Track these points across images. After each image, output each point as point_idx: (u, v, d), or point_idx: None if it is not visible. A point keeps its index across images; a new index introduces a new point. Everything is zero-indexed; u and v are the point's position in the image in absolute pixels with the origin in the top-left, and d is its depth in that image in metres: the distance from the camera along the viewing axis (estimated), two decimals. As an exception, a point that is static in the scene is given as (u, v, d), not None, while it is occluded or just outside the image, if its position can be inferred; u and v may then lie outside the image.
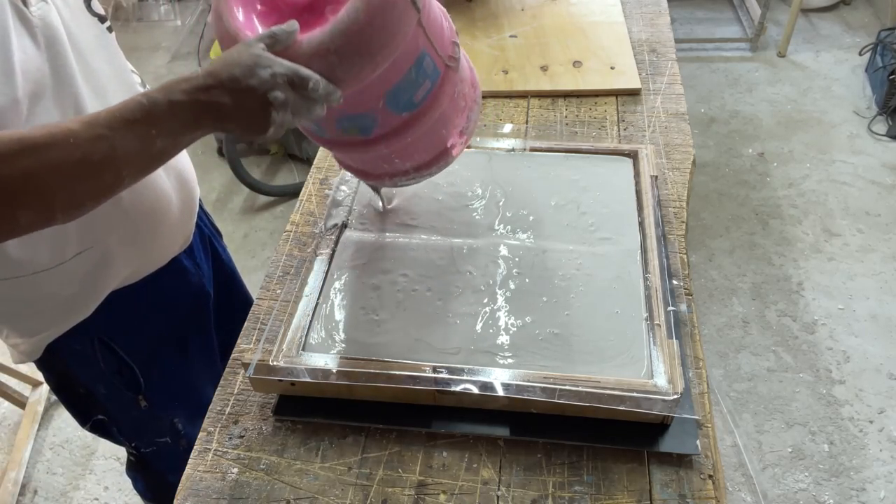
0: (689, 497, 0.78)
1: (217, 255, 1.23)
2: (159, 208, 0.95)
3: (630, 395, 0.80)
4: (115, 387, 1.05)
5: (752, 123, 2.81)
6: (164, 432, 1.15)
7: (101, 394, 1.07)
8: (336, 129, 0.85)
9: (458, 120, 0.91)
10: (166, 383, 1.10)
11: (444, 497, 0.80)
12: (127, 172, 0.65)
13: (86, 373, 1.03)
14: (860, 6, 3.43)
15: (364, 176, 0.99)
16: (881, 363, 1.96)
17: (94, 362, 1.01)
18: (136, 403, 1.08)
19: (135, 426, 1.14)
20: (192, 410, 1.13)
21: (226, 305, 1.24)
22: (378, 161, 0.90)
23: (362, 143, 0.85)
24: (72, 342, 0.97)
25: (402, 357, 0.87)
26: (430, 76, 0.81)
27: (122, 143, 0.62)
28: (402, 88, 0.79)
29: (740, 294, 2.17)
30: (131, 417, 1.11)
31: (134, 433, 1.16)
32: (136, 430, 1.15)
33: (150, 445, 1.17)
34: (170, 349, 1.10)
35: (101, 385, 1.05)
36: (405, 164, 0.91)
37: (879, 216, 2.38)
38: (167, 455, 1.19)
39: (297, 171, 2.74)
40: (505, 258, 0.99)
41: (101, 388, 1.06)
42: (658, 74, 1.42)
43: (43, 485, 1.84)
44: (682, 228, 1.08)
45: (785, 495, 1.70)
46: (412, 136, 0.84)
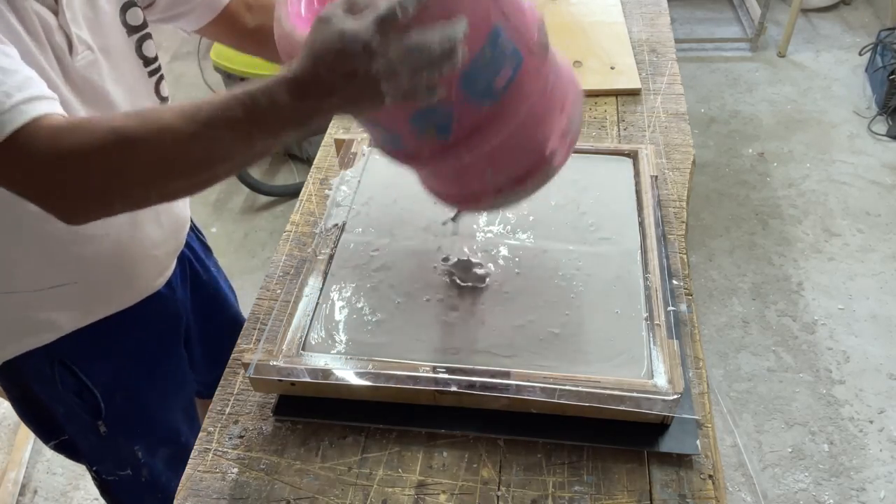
0: (689, 497, 0.78)
1: (196, 275, 1.16)
2: (147, 254, 0.96)
3: (630, 395, 0.80)
4: (74, 410, 1.00)
5: (752, 123, 2.81)
6: (125, 463, 1.09)
7: (61, 414, 1.01)
8: (411, 131, 0.72)
9: (556, 121, 0.78)
10: (129, 410, 1.04)
11: (444, 497, 0.80)
12: (223, 170, 0.63)
13: (45, 392, 0.99)
14: (860, 6, 3.43)
15: (455, 200, 0.85)
16: (881, 363, 1.96)
17: (52, 383, 0.96)
18: (94, 428, 1.02)
19: (95, 452, 1.08)
20: (155, 439, 1.10)
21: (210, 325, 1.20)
22: (465, 176, 0.78)
23: (442, 149, 0.72)
24: (32, 361, 0.93)
25: (402, 357, 0.87)
26: (509, 59, 0.68)
27: (221, 143, 0.59)
28: (477, 69, 0.66)
29: (740, 294, 2.17)
30: (90, 442, 1.06)
31: (95, 458, 1.09)
32: (96, 455, 1.09)
33: (112, 474, 1.10)
34: (135, 375, 1.04)
35: (61, 406, 1.00)
36: (496, 176, 0.77)
37: (879, 216, 2.38)
38: (129, 487, 1.11)
39: (297, 171, 2.73)
40: (505, 258, 0.99)
41: (61, 408, 1.00)
42: (658, 74, 1.42)
43: (43, 485, 1.84)
44: (682, 228, 1.08)
45: (785, 495, 1.70)
46: (498, 137, 0.71)
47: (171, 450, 1.12)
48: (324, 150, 1.31)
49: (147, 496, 1.12)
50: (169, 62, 3.48)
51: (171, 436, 1.12)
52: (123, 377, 1.02)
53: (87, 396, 0.99)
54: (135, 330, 1.01)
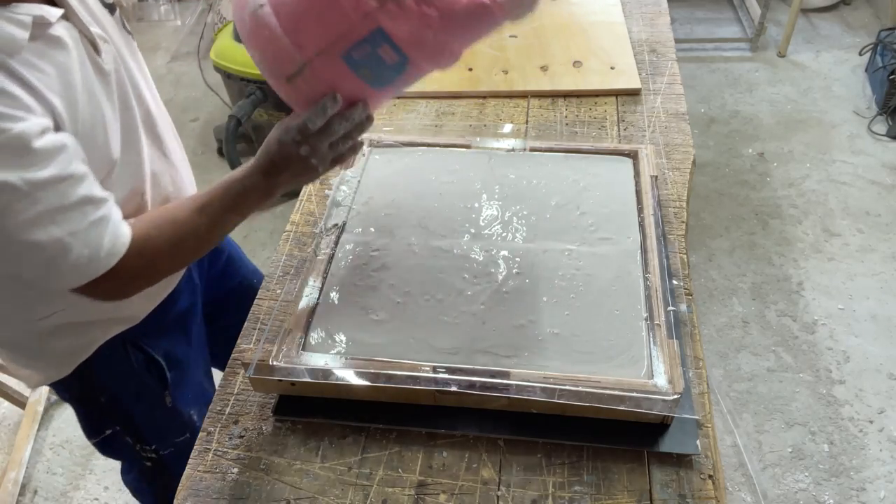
0: (689, 497, 0.78)
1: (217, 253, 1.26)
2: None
3: (630, 395, 0.80)
4: (145, 385, 1.09)
5: (752, 123, 2.81)
6: (184, 429, 1.18)
7: (131, 395, 1.09)
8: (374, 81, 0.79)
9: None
10: (182, 378, 1.14)
11: (444, 497, 0.80)
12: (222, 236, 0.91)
13: (115, 376, 1.06)
14: (860, 6, 3.43)
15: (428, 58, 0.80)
16: (881, 363, 1.96)
17: (126, 363, 1.05)
18: (162, 400, 1.12)
19: (158, 427, 1.17)
20: (202, 402, 1.18)
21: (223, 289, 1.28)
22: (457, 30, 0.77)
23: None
24: (106, 351, 1.01)
25: (402, 357, 0.87)
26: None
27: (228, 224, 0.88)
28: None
29: (740, 294, 2.17)
30: (155, 418, 1.14)
31: (156, 435, 1.18)
32: (158, 431, 1.17)
33: (170, 446, 1.19)
34: (181, 346, 1.15)
35: (132, 385, 1.08)
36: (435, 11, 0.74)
37: (879, 216, 2.38)
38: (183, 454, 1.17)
39: (297, 171, 2.73)
40: (505, 258, 0.99)
41: (132, 387, 1.09)
42: (658, 74, 1.42)
43: (43, 485, 1.84)
44: (682, 228, 1.08)
45: (785, 495, 1.70)
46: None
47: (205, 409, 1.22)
48: (324, 150, 1.31)
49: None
50: (169, 62, 3.49)
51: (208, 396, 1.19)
52: (174, 349, 1.12)
53: (155, 369, 1.09)
54: (174, 304, 1.10)
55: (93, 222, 0.75)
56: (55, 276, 0.75)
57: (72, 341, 0.98)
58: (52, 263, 0.73)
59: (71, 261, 0.74)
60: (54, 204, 0.71)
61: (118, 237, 0.77)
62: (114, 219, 0.78)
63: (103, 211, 0.76)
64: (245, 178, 0.85)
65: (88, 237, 0.74)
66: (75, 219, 0.73)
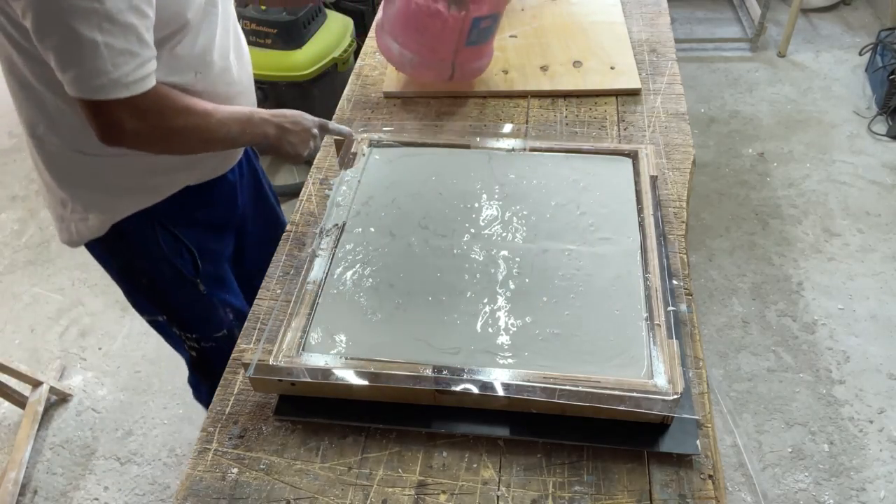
0: (689, 497, 0.78)
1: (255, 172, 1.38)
2: None
3: (630, 395, 0.80)
4: (177, 270, 1.17)
5: (752, 123, 2.81)
6: (221, 324, 1.27)
7: (166, 279, 1.18)
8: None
9: None
10: (215, 272, 1.24)
11: (444, 497, 0.80)
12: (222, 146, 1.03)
13: (148, 257, 1.15)
14: (860, 6, 3.43)
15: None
16: (881, 363, 1.96)
17: (155, 244, 1.14)
18: (195, 288, 1.21)
19: (197, 316, 1.26)
20: (237, 307, 1.30)
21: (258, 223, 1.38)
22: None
23: None
24: (136, 223, 1.10)
25: (402, 357, 0.87)
26: None
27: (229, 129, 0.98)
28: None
29: (740, 294, 2.17)
30: (192, 305, 1.24)
31: (195, 325, 1.27)
32: (196, 321, 1.26)
33: (210, 340, 1.27)
34: (213, 243, 1.23)
35: (165, 266, 1.17)
36: None
37: (879, 216, 2.38)
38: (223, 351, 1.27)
39: (297, 171, 2.73)
40: (505, 258, 0.99)
41: (165, 270, 1.17)
42: (658, 74, 1.42)
43: (43, 485, 1.84)
44: (682, 228, 1.08)
45: (785, 495, 1.70)
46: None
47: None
48: (324, 150, 1.32)
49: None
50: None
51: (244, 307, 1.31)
52: (206, 243, 1.21)
53: (186, 255, 1.17)
54: (207, 205, 1.19)
55: (130, 51, 0.81)
56: (78, 78, 0.81)
57: (100, 197, 1.07)
58: (81, 61, 0.80)
59: (95, 67, 0.80)
60: (108, 11, 0.78)
61: (144, 79, 0.84)
62: (148, 65, 0.85)
63: (144, 52, 0.83)
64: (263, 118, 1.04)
65: (119, 59, 0.81)
66: (118, 35, 0.80)
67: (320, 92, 2.35)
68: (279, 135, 1.04)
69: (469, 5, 1.18)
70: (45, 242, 2.55)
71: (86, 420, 1.98)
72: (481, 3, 1.19)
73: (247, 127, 1.00)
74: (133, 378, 2.07)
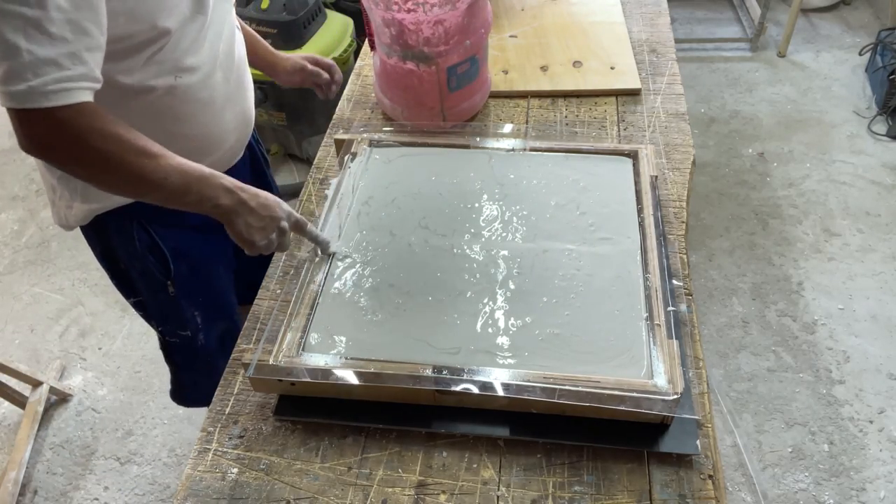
0: (689, 497, 0.78)
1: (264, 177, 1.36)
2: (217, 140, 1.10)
3: (630, 395, 0.80)
4: (148, 268, 1.16)
5: (752, 123, 2.81)
6: (186, 325, 1.25)
7: (137, 272, 1.17)
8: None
9: None
10: (192, 277, 1.20)
11: (444, 497, 0.80)
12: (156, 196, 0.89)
13: (124, 249, 1.14)
14: (860, 6, 3.43)
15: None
16: (881, 363, 1.96)
17: (130, 240, 1.12)
18: (164, 288, 1.18)
19: (162, 312, 1.24)
20: (213, 309, 1.28)
21: None
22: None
23: None
24: (117, 218, 1.09)
25: (402, 357, 0.87)
26: None
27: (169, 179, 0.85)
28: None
29: (740, 294, 2.17)
30: (159, 302, 1.22)
31: (161, 318, 1.26)
32: (162, 315, 1.25)
33: (174, 336, 1.26)
34: (198, 247, 1.20)
35: (137, 263, 1.15)
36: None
37: (879, 216, 2.38)
38: (185, 349, 1.30)
39: (297, 171, 2.73)
40: (505, 258, 0.99)
41: (137, 266, 1.16)
42: (658, 74, 1.42)
43: (43, 485, 1.84)
44: (682, 228, 1.08)
45: (785, 495, 1.70)
46: None
47: (225, 325, 1.32)
48: (324, 150, 1.32)
49: (198, 362, 1.32)
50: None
51: (226, 311, 1.31)
52: (189, 246, 1.18)
53: (159, 255, 1.15)
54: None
55: (56, 63, 0.76)
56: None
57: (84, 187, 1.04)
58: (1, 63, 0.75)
59: (13, 72, 0.75)
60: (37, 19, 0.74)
61: (66, 92, 0.78)
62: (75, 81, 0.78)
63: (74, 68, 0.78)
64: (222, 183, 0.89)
65: (42, 69, 0.76)
66: (44, 45, 0.75)
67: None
68: (235, 209, 0.89)
69: (436, 60, 1.19)
70: (45, 242, 2.55)
71: (86, 420, 1.98)
72: (449, 54, 1.19)
73: (194, 185, 0.87)
74: (133, 378, 2.07)
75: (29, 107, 0.77)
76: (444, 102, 1.26)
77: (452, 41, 1.17)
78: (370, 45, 1.43)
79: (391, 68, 1.24)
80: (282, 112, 2.43)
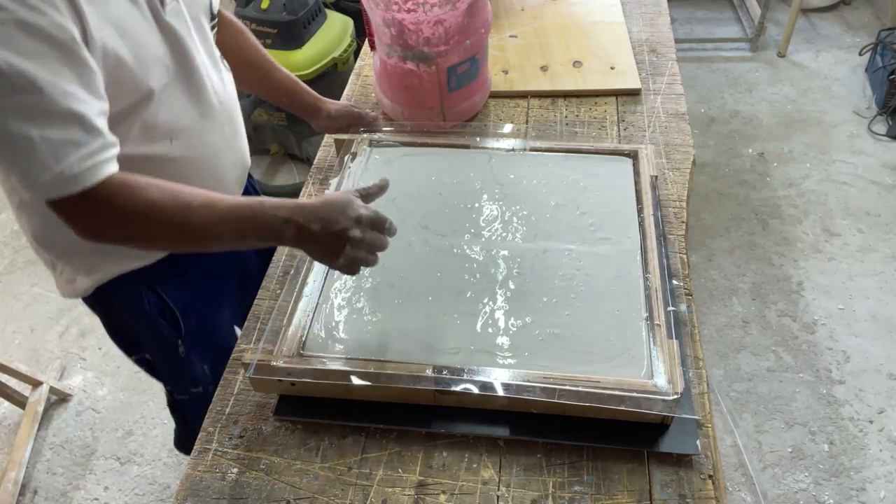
0: (689, 497, 0.78)
1: None
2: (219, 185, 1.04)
3: (630, 395, 0.80)
4: (157, 331, 1.11)
5: (752, 123, 2.81)
6: (197, 381, 1.21)
7: (144, 336, 1.13)
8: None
9: None
10: (201, 330, 1.16)
11: (444, 497, 0.80)
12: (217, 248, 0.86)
13: (130, 314, 1.09)
14: (860, 6, 3.43)
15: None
16: (881, 363, 1.96)
17: (139, 304, 1.07)
18: (174, 348, 1.14)
19: (172, 372, 1.20)
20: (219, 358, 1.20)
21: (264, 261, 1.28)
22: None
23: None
24: (122, 284, 1.04)
25: (402, 357, 0.87)
26: None
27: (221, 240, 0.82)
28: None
29: (740, 294, 2.17)
30: (169, 362, 1.17)
31: (171, 378, 1.22)
32: (173, 375, 1.21)
33: (184, 393, 1.23)
34: (206, 298, 1.16)
35: (145, 326, 1.11)
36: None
37: (879, 216, 2.38)
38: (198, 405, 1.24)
39: (297, 171, 2.73)
40: (505, 258, 0.99)
41: (145, 329, 1.11)
42: (658, 74, 1.42)
43: (43, 485, 1.84)
44: (682, 228, 1.08)
45: (785, 495, 1.70)
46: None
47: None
48: (324, 150, 1.32)
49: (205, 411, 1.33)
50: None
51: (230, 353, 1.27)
52: (196, 298, 1.13)
53: (169, 316, 1.10)
54: (206, 258, 1.10)
55: (74, 141, 0.73)
56: (24, 177, 0.74)
57: (85, 260, 1.00)
58: (18, 160, 0.72)
59: (36, 165, 0.72)
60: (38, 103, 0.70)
61: (97, 169, 0.75)
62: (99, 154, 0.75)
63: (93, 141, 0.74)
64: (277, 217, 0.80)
65: (61, 151, 0.72)
66: (56, 126, 0.72)
67: (320, 92, 2.34)
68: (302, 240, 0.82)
69: (436, 60, 1.19)
70: (45, 242, 2.55)
71: (86, 420, 1.98)
72: (450, 54, 1.19)
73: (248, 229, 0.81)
74: (133, 378, 2.07)
75: (62, 195, 0.74)
76: (444, 102, 1.26)
77: (452, 41, 1.17)
78: (370, 45, 1.43)
79: (391, 68, 1.24)
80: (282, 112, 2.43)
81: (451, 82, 1.24)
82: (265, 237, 0.82)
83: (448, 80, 1.23)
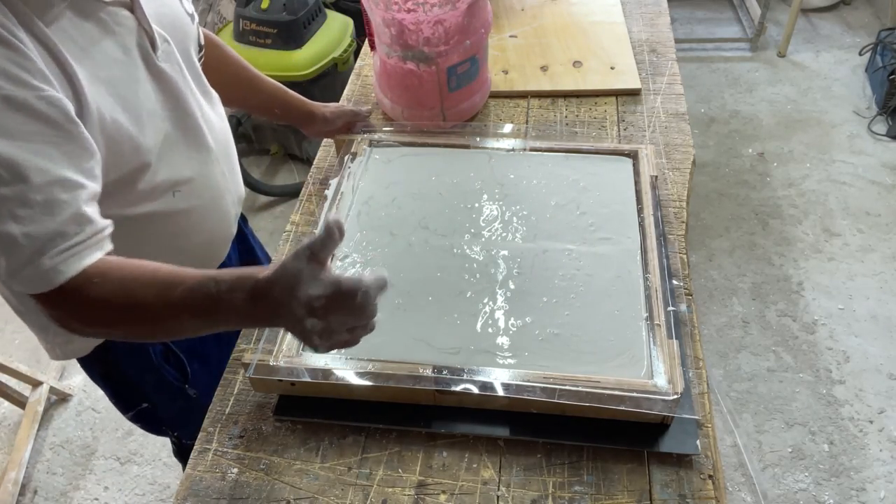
0: (689, 497, 0.78)
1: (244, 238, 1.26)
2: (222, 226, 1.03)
3: (630, 395, 0.80)
4: (164, 377, 1.08)
5: (752, 123, 2.81)
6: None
7: (150, 385, 1.10)
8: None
9: None
10: (206, 373, 1.12)
11: (444, 497, 0.80)
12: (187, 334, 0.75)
13: (134, 365, 1.06)
14: (860, 6, 3.43)
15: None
16: (881, 363, 1.96)
17: (145, 355, 1.05)
18: (183, 393, 1.11)
19: (181, 417, 1.17)
20: None
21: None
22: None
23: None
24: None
25: (402, 357, 0.87)
26: None
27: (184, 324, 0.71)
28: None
29: (740, 294, 2.17)
30: (178, 408, 1.14)
31: (178, 424, 1.20)
32: (180, 420, 1.19)
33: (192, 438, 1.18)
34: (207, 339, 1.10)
35: (150, 375, 1.08)
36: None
37: (879, 216, 2.38)
38: None
39: (297, 171, 2.73)
40: (505, 258, 0.99)
41: (150, 378, 1.08)
42: (658, 74, 1.42)
43: (43, 485, 1.84)
44: (682, 228, 1.08)
45: (785, 495, 1.70)
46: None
47: None
48: (324, 150, 1.32)
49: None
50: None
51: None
52: (199, 343, 1.07)
53: (175, 362, 1.08)
54: None
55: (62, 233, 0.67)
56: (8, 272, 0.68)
57: None
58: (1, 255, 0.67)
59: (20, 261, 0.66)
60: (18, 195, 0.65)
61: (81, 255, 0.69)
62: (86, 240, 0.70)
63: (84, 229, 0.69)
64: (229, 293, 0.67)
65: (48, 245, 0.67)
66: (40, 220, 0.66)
67: (320, 92, 2.35)
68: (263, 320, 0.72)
69: (436, 60, 1.19)
70: (45, 242, 2.55)
71: (86, 420, 1.98)
72: (450, 54, 1.19)
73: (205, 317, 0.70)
74: (133, 378, 2.07)
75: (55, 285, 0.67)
76: (444, 102, 1.26)
77: (452, 41, 1.17)
78: (370, 45, 1.43)
79: (391, 68, 1.24)
80: (282, 112, 2.43)
81: (451, 82, 1.23)
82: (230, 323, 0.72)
83: (448, 80, 1.23)
